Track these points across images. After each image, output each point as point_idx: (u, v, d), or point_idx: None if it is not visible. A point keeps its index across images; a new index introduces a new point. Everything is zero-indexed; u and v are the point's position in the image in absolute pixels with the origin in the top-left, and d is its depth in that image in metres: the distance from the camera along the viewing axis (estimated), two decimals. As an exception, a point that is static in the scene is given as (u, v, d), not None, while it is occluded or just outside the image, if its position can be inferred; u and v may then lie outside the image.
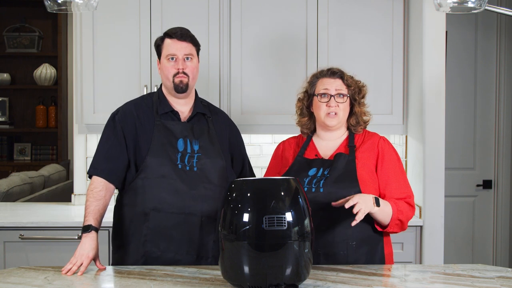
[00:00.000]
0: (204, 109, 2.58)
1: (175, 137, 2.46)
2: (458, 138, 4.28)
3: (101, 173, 2.44)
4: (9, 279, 2.08)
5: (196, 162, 2.44)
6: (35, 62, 6.59)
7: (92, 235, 2.31)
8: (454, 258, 4.21)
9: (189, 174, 2.42)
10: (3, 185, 4.23)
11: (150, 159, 2.42)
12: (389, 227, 2.34)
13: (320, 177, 2.36)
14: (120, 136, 2.47)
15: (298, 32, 3.41)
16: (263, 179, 2.02)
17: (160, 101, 2.52)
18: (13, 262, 3.09)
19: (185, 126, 2.49)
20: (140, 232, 2.42)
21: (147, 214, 2.41)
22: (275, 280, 1.84)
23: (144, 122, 2.49)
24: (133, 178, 2.45)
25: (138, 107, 2.53)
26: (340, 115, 2.42)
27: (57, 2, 2.34)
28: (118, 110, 2.55)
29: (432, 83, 3.23)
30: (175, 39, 2.48)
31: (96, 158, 2.48)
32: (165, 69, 2.49)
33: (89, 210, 2.37)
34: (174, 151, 2.43)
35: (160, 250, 2.41)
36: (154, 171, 2.41)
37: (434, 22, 3.23)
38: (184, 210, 2.40)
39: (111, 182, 2.45)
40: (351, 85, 2.44)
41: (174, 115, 2.51)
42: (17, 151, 6.63)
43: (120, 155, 2.46)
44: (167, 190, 2.40)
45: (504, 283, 2.02)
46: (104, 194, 2.41)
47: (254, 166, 2.84)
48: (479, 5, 2.34)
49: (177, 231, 2.40)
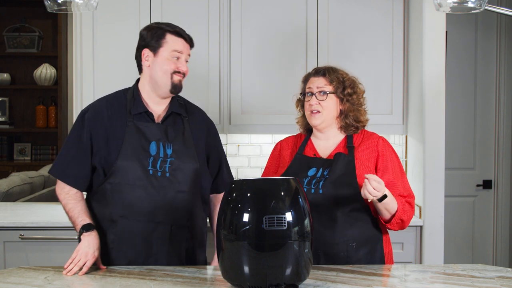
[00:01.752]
0: (180, 109, 2.43)
1: (147, 140, 2.33)
2: (458, 138, 4.28)
3: (66, 179, 2.35)
4: (9, 279, 2.08)
5: (168, 167, 2.32)
6: (35, 62, 6.59)
7: (94, 233, 2.26)
8: (454, 258, 4.21)
9: (160, 180, 2.30)
10: (3, 185, 4.23)
11: (120, 163, 2.29)
12: (390, 224, 2.33)
13: (319, 178, 2.35)
14: (87, 140, 2.34)
15: (298, 32, 3.41)
16: (263, 179, 2.01)
17: (134, 100, 2.38)
18: (13, 262, 3.09)
19: (159, 128, 2.35)
20: (107, 238, 2.32)
21: (115, 221, 2.31)
22: (275, 280, 1.83)
23: (115, 122, 2.35)
24: (101, 182, 2.33)
25: (110, 105, 2.39)
26: (324, 113, 2.39)
27: (57, 2, 2.34)
28: (88, 108, 2.41)
29: (432, 83, 3.23)
30: (183, 40, 2.38)
31: (61, 160, 2.37)
32: (165, 64, 2.35)
33: (77, 210, 2.31)
34: (146, 155, 2.31)
35: (128, 259, 2.31)
36: (124, 176, 2.29)
37: (434, 22, 3.23)
38: (154, 219, 2.30)
39: (77, 188, 2.36)
40: (333, 81, 2.40)
41: (148, 116, 2.38)
42: (17, 151, 6.63)
43: (86, 161, 2.34)
44: (137, 197, 2.29)
45: (504, 283, 2.02)
46: (81, 195, 2.35)
47: (254, 166, 2.84)
48: (479, 5, 2.34)
49: (146, 240, 2.31)
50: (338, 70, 2.46)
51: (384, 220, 2.35)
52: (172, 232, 2.33)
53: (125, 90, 2.46)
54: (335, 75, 2.42)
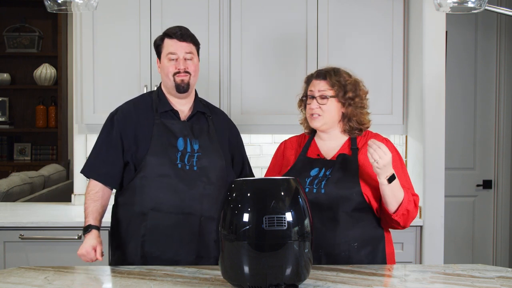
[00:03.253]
0: (204, 108, 2.57)
1: (174, 136, 2.44)
2: (458, 138, 4.28)
3: (98, 177, 2.45)
4: (9, 279, 2.08)
5: (196, 161, 2.43)
6: (35, 62, 6.59)
7: (93, 232, 2.36)
8: (454, 258, 4.21)
9: (188, 173, 2.41)
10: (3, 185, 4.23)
11: (150, 158, 2.41)
12: (396, 214, 2.28)
13: (321, 178, 2.35)
14: (117, 139, 2.46)
15: (298, 32, 3.41)
16: (263, 179, 2.01)
17: (159, 100, 2.51)
18: (13, 262, 3.09)
19: (184, 125, 2.48)
20: (138, 232, 2.42)
21: (146, 214, 2.41)
22: (275, 280, 1.83)
23: (143, 121, 2.47)
24: (132, 178, 2.44)
25: (137, 106, 2.52)
26: (324, 117, 2.39)
27: (57, 2, 2.34)
28: (117, 110, 2.54)
29: (432, 83, 3.24)
30: (175, 39, 2.47)
31: (92, 160, 2.49)
32: (166, 68, 2.48)
33: (87, 212, 2.40)
34: (173, 151, 2.42)
35: (159, 251, 2.40)
36: (153, 171, 2.40)
37: (434, 22, 3.24)
38: (183, 210, 2.40)
39: (108, 186, 2.47)
40: (334, 86, 2.39)
41: (174, 114, 2.50)
42: (17, 151, 6.63)
43: (116, 159, 2.46)
44: (166, 190, 2.39)
45: (504, 283, 2.02)
46: (101, 195, 2.44)
47: (254, 166, 2.84)
48: (479, 5, 2.34)
49: (176, 231, 2.40)
50: (341, 72, 2.42)
51: (390, 212, 2.29)
52: (201, 223, 2.41)
53: (150, 93, 2.62)
54: (336, 78, 2.39)
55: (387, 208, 2.30)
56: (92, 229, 2.36)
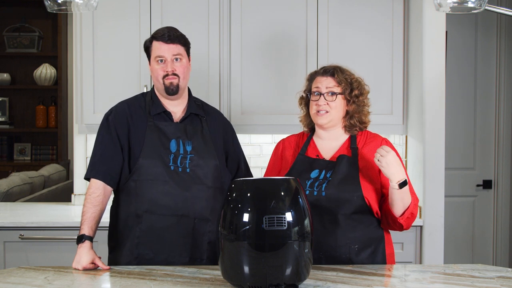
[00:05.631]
0: (198, 110, 2.55)
1: (167, 138, 2.44)
2: (458, 138, 4.28)
3: (97, 174, 2.42)
4: (9, 279, 2.08)
5: (188, 163, 2.43)
6: (35, 62, 6.60)
7: (85, 244, 2.28)
8: (454, 258, 4.21)
9: (181, 175, 2.41)
10: (3, 185, 4.23)
11: (143, 161, 2.40)
12: (402, 217, 2.29)
13: (322, 180, 2.35)
14: (115, 137, 2.45)
15: (298, 32, 3.41)
16: (263, 179, 2.01)
17: (152, 102, 2.50)
18: (13, 262, 3.09)
19: (177, 127, 2.47)
20: (133, 233, 2.42)
21: (140, 216, 2.41)
22: (275, 280, 1.84)
23: (137, 122, 2.47)
24: (126, 179, 2.44)
25: (131, 107, 2.51)
26: (332, 113, 2.39)
27: (57, 2, 2.34)
28: (111, 110, 2.53)
29: (432, 83, 3.24)
30: (162, 42, 2.45)
31: (92, 160, 2.47)
32: (154, 71, 2.47)
33: (84, 218, 2.35)
34: (166, 152, 2.42)
35: (153, 252, 2.40)
36: (147, 173, 2.40)
37: (434, 22, 3.24)
38: (177, 212, 2.40)
39: (108, 184, 2.43)
40: (341, 83, 2.40)
41: (167, 115, 2.49)
42: (17, 151, 6.63)
43: (116, 155, 2.44)
44: (160, 192, 2.39)
45: (504, 283, 2.02)
46: (101, 200, 2.40)
47: (254, 166, 2.84)
48: (479, 5, 2.34)
49: (170, 233, 2.40)
50: (345, 70, 2.44)
51: (396, 215, 2.30)
52: (195, 225, 2.41)
53: (143, 94, 2.59)
54: (343, 76, 2.41)
55: (392, 210, 2.31)
56: (85, 240, 2.30)
